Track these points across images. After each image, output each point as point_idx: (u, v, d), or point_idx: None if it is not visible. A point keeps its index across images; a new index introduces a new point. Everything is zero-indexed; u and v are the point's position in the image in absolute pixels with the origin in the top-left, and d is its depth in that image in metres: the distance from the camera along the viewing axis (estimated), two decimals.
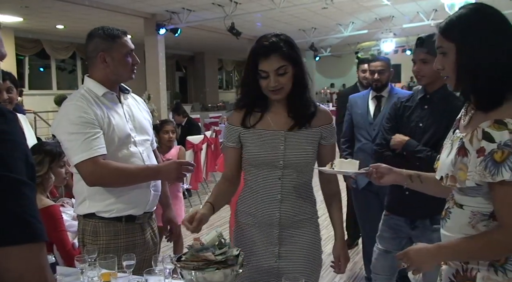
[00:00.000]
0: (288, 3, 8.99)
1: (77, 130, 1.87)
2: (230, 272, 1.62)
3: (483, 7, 1.36)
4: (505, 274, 1.31)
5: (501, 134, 1.24)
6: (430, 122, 2.34)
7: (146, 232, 2.12)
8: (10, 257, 0.76)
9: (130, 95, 2.19)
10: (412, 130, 2.38)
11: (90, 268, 1.71)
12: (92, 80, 2.02)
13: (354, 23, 12.16)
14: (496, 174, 1.24)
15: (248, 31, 10.88)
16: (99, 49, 1.99)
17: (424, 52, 2.26)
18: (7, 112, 0.81)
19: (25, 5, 8.58)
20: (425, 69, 2.28)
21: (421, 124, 2.36)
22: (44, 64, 13.18)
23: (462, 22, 1.33)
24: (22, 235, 0.77)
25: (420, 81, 2.36)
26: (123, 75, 2.04)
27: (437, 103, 2.34)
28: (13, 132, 0.80)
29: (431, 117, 2.34)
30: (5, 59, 0.96)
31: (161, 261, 1.75)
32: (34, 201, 0.81)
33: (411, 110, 2.43)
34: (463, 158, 1.33)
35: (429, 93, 2.37)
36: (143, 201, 2.06)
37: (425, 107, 2.38)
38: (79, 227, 2.05)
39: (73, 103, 1.94)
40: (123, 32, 2.04)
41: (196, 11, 9.57)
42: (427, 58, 2.24)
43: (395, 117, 2.48)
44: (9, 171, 0.77)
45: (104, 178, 1.91)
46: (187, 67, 17.92)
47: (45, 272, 0.81)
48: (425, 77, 2.31)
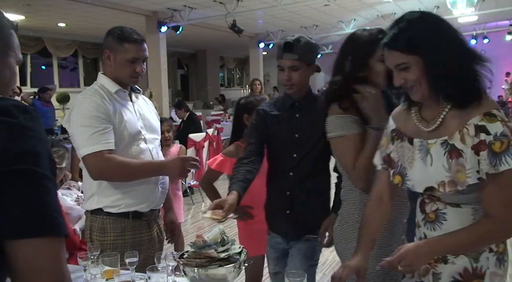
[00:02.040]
0: (290, 0, 8.97)
1: (87, 124, 1.91)
2: (232, 268, 1.62)
3: (430, 15, 1.41)
4: (503, 265, 1.41)
5: (495, 126, 1.28)
6: (307, 132, 2.11)
7: (153, 229, 2.15)
8: (31, 248, 0.80)
9: (141, 96, 2.23)
10: (287, 141, 2.13)
11: (93, 265, 1.72)
12: (105, 77, 2.08)
13: (356, 20, 12.13)
14: (499, 164, 1.26)
15: (250, 28, 10.87)
16: (107, 47, 2.04)
17: (294, 59, 2.01)
18: (32, 110, 0.86)
19: (27, 3, 8.57)
20: (296, 76, 2.03)
21: (297, 135, 2.11)
22: (46, 62, 13.17)
23: (423, 34, 1.35)
24: (44, 228, 0.81)
25: (289, 90, 2.08)
26: (123, 79, 2.06)
27: (307, 110, 2.12)
28: (37, 130, 0.84)
29: (306, 126, 2.11)
30: None
31: (163, 258, 1.75)
32: (56, 195, 0.86)
33: (279, 120, 2.15)
34: (458, 160, 1.33)
35: (297, 101, 2.13)
36: (151, 198, 2.09)
37: (297, 115, 2.13)
38: (87, 223, 2.09)
39: (86, 97, 1.98)
40: (137, 40, 2.03)
41: (197, 8, 9.55)
42: (297, 64, 2.02)
43: (263, 127, 2.16)
44: (36, 166, 0.81)
45: (108, 171, 1.94)
46: (189, 65, 17.89)
47: (63, 266, 0.84)
48: (295, 85, 2.06)
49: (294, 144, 2.12)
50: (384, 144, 1.61)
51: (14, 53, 1.00)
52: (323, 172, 2.19)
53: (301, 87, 2.10)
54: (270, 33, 13.40)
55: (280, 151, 2.16)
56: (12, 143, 0.80)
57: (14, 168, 0.79)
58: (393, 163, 1.55)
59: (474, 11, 10.29)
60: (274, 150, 2.19)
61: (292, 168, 2.13)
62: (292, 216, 2.16)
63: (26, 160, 0.80)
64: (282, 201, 2.17)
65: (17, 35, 1.02)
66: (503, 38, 15.24)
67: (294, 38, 2.03)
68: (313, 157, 2.12)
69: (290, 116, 2.15)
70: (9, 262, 0.80)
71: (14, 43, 1.01)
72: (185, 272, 1.63)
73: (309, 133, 2.11)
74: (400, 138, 1.52)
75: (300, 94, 2.12)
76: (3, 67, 0.97)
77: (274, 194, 2.24)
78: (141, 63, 2.06)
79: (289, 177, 2.14)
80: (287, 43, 2.02)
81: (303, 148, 2.12)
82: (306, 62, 2.04)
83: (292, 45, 2.01)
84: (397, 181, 1.51)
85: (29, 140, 0.82)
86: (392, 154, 1.55)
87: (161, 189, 2.13)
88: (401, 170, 1.51)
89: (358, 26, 12.44)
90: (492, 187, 1.29)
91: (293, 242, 2.21)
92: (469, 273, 1.39)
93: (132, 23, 8.83)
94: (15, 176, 0.79)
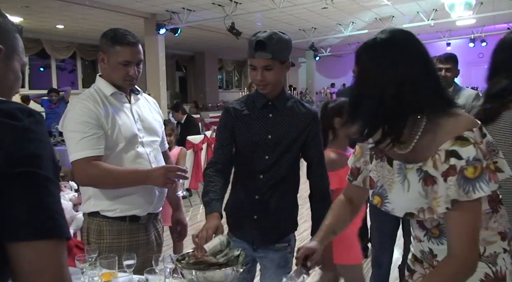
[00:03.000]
0: (288, 3, 8.99)
1: (77, 129, 1.91)
2: (231, 271, 1.62)
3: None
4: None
5: (467, 150, 1.20)
6: (280, 133, 2.00)
7: (150, 232, 2.13)
8: (34, 250, 0.80)
9: (142, 96, 2.19)
10: (259, 142, 2.00)
11: (90, 267, 1.71)
12: (102, 80, 2.05)
13: (354, 23, 12.16)
14: (473, 190, 1.20)
15: (248, 31, 10.84)
16: (101, 49, 2.02)
17: (268, 58, 1.87)
18: (36, 113, 0.87)
19: (25, 5, 8.57)
20: (270, 76, 1.91)
21: (270, 135, 1.99)
22: (44, 64, 13.17)
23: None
24: (47, 231, 0.82)
25: (263, 90, 1.96)
26: (116, 82, 2.03)
27: (281, 110, 2.01)
28: (41, 133, 0.85)
29: (279, 127, 2.00)
30: None
31: (161, 261, 1.75)
32: (59, 198, 0.87)
33: (250, 119, 2.02)
34: (433, 187, 1.28)
35: (270, 100, 2.01)
36: (148, 202, 2.07)
37: (270, 115, 2.01)
38: (84, 224, 2.08)
39: (79, 102, 1.98)
40: (130, 42, 1.99)
41: (196, 11, 9.57)
42: (271, 64, 1.89)
43: (232, 127, 2.04)
44: (39, 168, 0.82)
45: (92, 178, 1.93)
46: (187, 67, 17.89)
47: (64, 268, 0.85)
48: (269, 85, 1.94)
49: (267, 146, 2.00)
50: (357, 154, 1.56)
51: (18, 57, 1.01)
52: (295, 177, 2.10)
53: (276, 86, 1.98)
54: None
55: (251, 153, 2.02)
56: (16, 146, 0.80)
57: (18, 170, 0.79)
58: (372, 182, 1.48)
59: (472, 14, 10.32)
60: (244, 151, 2.03)
61: (263, 170, 2.01)
62: (260, 221, 2.03)
63: (30, 162, 0.81)
64: (250, 205, 2.04)
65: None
66: None
67: (267, 35, 1.87)
68: (286, 160, 2.01)
69: (263, 116, 2.02)
70: (11, 263, 0.81)
71: (19, 47, 1.02)
72: (183, 274, 1.63)
73: (283, 134, 2.00)
74: (379, 158, 1.44)
75: (273, 93, 2.00)
76: (7, 71, 0.98)
77: (241, 197, 2.08)
78: (135, 66, 2.01)
79: (259, 180, 2.01)
80: (259, 41, 1.86)
81: (276, 150, 2.00)
82: (280, 60, 1.91)
83: (265, 43, 1.86)
84: (376, 201, 1.45)
85: (33, 143, 0.83)
86: (372, 173, 1.48)
87: (158, 193, 2.10)
88: (380, 191, 1.44)
89: (356, 29, 12.48)
90: (458, 216, 1.23)
91: (261, 249, 2.08)
92: (491, 277, 1.35)
93: (131, 25, 8.82)
94: (19, 178, 0.80)
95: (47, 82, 12.85)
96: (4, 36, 0.97)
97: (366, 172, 1.54)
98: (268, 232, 2.05)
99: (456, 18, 10.48)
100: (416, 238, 1.50)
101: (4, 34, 0.97)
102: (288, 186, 2.05)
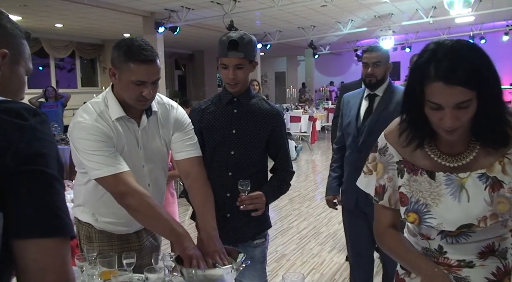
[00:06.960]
0: (287, 1, 8.98)
1: (98, 148, 1.73)
2: (230, 269, 1.62)
3: (477, 46, 1.26)
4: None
5: None
6: (244, 128, 2.05)
7: (143, 238, 2.01)
8: (40, 248, 0.81)
9: (159, 112, 1.95)
10: (223, 137, 2.05)
11: (90, 266, 1.71)
12: (112, 97, 1.83)
13: (353, 21, 12.15)
14: None
15: (247, 29, 10.84)
16: (112, 63, 1.79)
17: (240, 57, 1.96)
18: (41, 113, 0.88)
19: (24, 4, 8.56)
20: (241, 74, 1.99)
21: (234, 130, 2.05)
22: (43, 63, 13.16)
23: (478, 67, 1.18)
24: (52, 229, 0.83)
25: (233, 88, 2.03)
26: (127, 101, 1.81)
27: (246, 106, 2.07)
28: (46, 132, 0.87)
29: (243, 122, 2.06)
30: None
31: (161, 259, 1.75)
32: (64, 196, 0.87)
33: (216, 115, 2.09)
34: (499, 191, 1.29)
35: (236, 97, 2.07)
36: (135, 221, 1.84)
37: (234, 111, 2.07)
38: (75, 228, 2.00)
39: (92, 124, 1.76)
40: (146, 59, 1.73)
41: (195, 9, 9.56)
42: (243, 62, 1.97)
43: (200, 125, 2.08)
44: (46, 167, 0.83)
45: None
46: (186, 65, 17.90)
47: (68, 267, 0.86)
48: (240, 84, 2.02)
49: (231, 140, 2.04)
50: (379, 171, 1.45)
51: (24, 63, 1.02)
52: (264, 175, 2.14)
53: (244, 84, 2.06)
54: (267, 34, 13.42)
55: (217, 148, 2.06)
56: (24, 145, 0.81)
57: (24, 168, 0.80)
58: (405, 198, 1.38)
59: (471, 12, 10.31)
60: (211, 148, 2.07)
61: (231, 167, 2.04)
62: (234, 220, 2.05)
63: (37, 161, 0.82)
64: (222, 204, 2.03)
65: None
66: (500, 39, 15.28)
67: (239, 35, 1.95)
68: (252, 157, 2.05)
69: (228, 112, 2.08)
70: (16, 260, 0.81)
71: (25, 53, 1.02)
72: (182, 272, 1.63)
73: (246, 129, 2.05)
74: (412, 172, 1.37)
75: (240, 91, 2.07)
76: (11, 75, 0.98)
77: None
78: (149, 86, 1.76)
79: (228, 177, 2.04)
80: (233, 41, 1.94)
81: (241, 145, 2.04)
82: (250, 59, 2.01)
83: (238, 43, 1.94)
84: (412, 219, 1.36)
85: (39, 142, 0.83)
86: (403, 188, 1.39)
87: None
88: (416, 207, 1.35)
89: (355, 27, 12.48)
90: None
91: (239, 248, 2.00)
92: (502, 271, 1.37)
93: (129, 24, 8.84)
94: (26, 176, 0.80)
95: (46, 81, 12.84)
96: (11, 41, 0.98)
97: (390, 189, 1.44)
98: (242, 231, 2.07)
99: (455, 16, 10.49)
100: (423, 236, 1.43)
101: (11, 39, 0.98)
102: (257, 183, 2.03)
